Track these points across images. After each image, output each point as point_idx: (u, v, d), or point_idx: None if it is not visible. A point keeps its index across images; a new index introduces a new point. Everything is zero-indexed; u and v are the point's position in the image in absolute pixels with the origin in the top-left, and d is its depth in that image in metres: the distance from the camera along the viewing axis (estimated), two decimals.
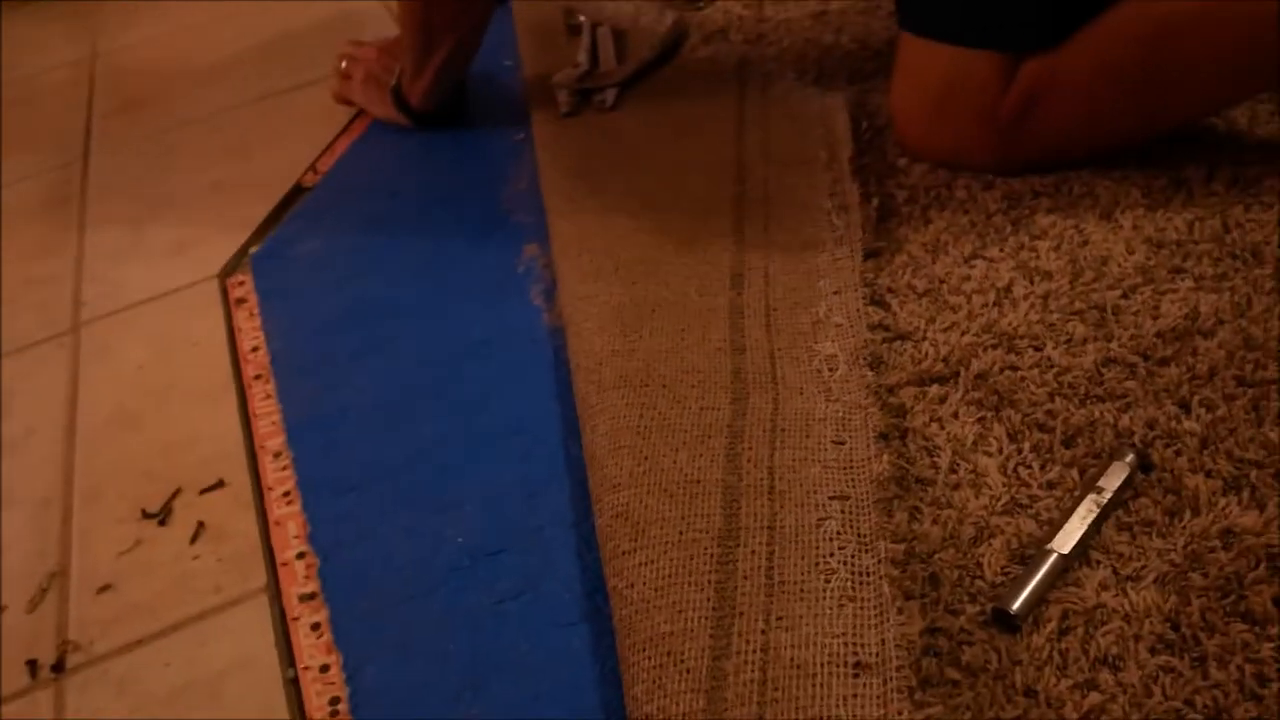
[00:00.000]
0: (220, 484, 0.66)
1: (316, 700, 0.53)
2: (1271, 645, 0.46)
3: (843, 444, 0.57)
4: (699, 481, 0.55)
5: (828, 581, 0.49)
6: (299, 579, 0.59)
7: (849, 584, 0.49)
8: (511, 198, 0.88)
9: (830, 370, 0.62)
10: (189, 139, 1.08)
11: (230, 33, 1.29)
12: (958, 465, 0.56)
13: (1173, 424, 0.56)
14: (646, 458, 0.57)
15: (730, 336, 0.66)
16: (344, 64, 1.02)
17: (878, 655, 0.46)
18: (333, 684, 0.53)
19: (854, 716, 0.44)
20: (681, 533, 0.53)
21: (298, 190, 0.96)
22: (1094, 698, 0.45)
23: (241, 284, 0.85)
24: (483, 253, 0.82)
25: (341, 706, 0.52)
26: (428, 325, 0.76)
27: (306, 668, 0.54)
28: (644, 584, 0.51)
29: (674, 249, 0.74)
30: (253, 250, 0.89)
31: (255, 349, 0.77)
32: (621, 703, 0.49)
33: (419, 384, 0.71)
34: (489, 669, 0.53)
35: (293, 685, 0.54)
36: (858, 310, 0.66)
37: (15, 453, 0.73)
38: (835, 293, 0.68)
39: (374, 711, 0.52)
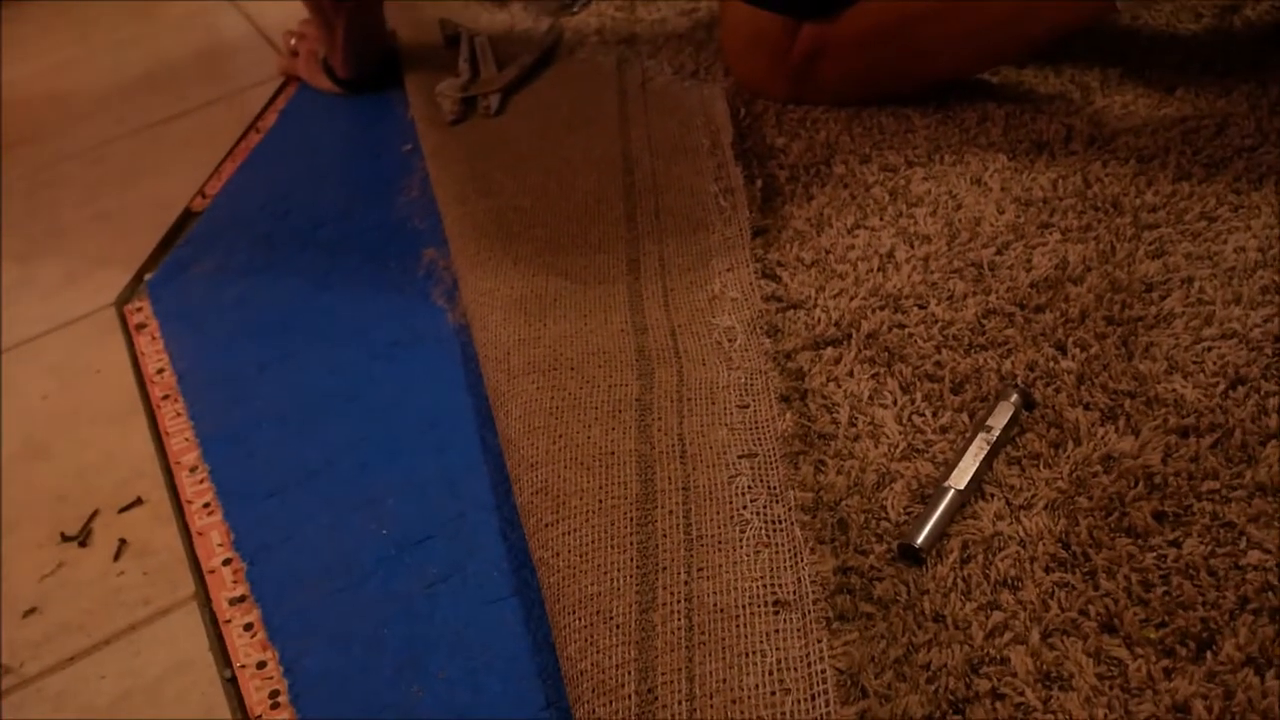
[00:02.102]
0: (138, 501, 0.66)
1: (256, 695, 0.54)
2: (1153, 555, 0.51)
3: (747, 407, 0.60)
4: (613, 453, 0.58)
5: (743, 532, 0.52)
6: (227, 584, 0.60)
7: (763, 532, 0.52)
8: (405, 206, 0.90)
9: (729, 341, 0.66)
10: (70, 173, 1.07)
11: (104, 65, 1.28)
12: (856, 419, 0.60)
13: (1051, 364, 0.61)
14: (561, 435, 0.60)
15: (631, 318, 0.69)
16: (292, 42, 1.13)
17: (794, 593, 0.49)
18: (271, 678, 0.54)
19: (777, 649, 0.48)
20: (601, 501, 0.55)
21: (188, 215, 0.96)
22: (997, 616, 0.49)
23: (139, 310, 0.85)
24: (381, 260, 0.84)
25: (282, 698, 0.53)
26: (334, 334, 0.77)
27: (243, 666, 0.55)
28: (569, 551, 0.53)
29: (570, 242, 0.77)
30: (148, 276, 0.88)
31: (160, 370, 0.77)
32: (557, 665, 0.51)
33: (331, 390, 0.72)
34: (425, 648, 0.55)
35: (231, 684, 0.54)
36: (751, 284, 0.70)
37: None
38: (728, 270, 0.72)
39: (315, 700, 0.53)
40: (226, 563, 0.61)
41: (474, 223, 0.81)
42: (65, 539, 0.64)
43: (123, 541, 0.63)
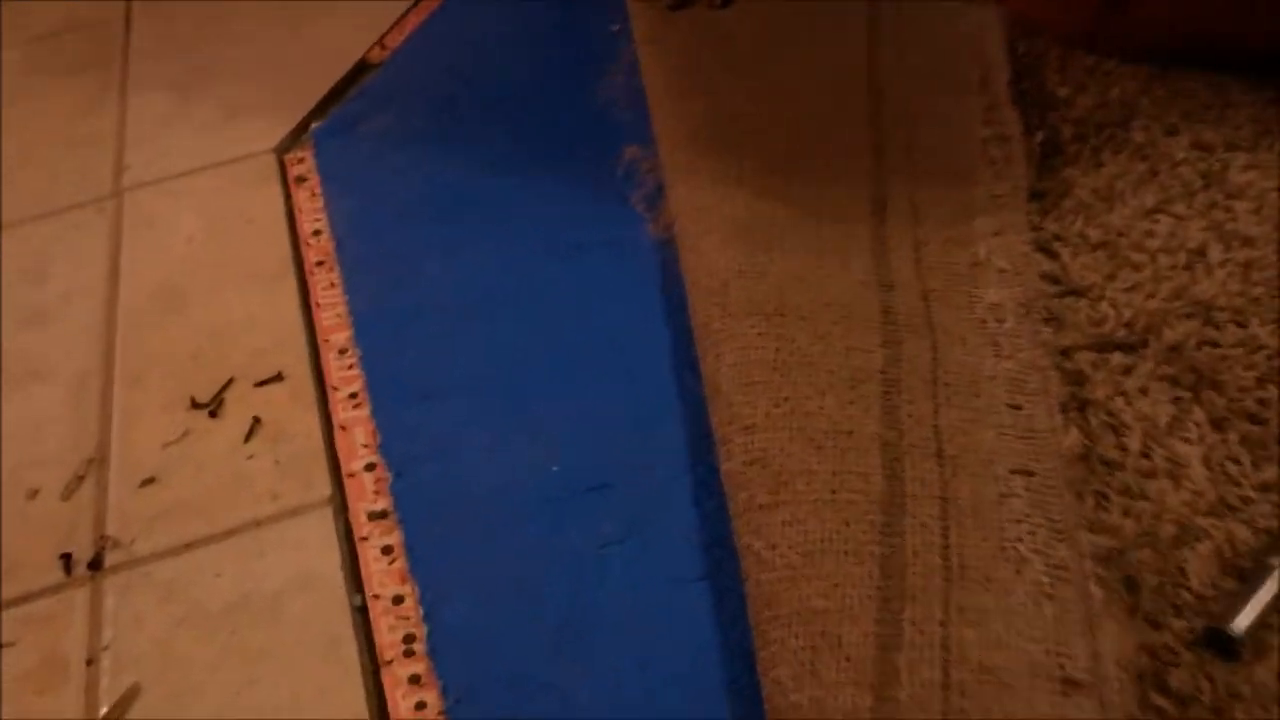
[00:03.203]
0: (278, 377, 0.58)
1: (389, 635, 0.45)
2: None
3: (1020, 409, 0.49)
4: (850, 433, 0.47)
5: (1019, 572, 0.41)
6: (368, 493, 0.52)
7: (1045, 578, 0.41)
8: (607, 91, 0.78)
9: (997, 321, 0.54)
10: (242, 5, 0.97)
11: None
12: (1151, 450, 0.48)
13: None
14: (786, 398, 0.49)
15: (875, 269, 0.58)
16: None
17: (1090, 672, 0.38)
18: (407, 618, 0.46)
19: None
20: (834, 492, 0.45)
21: (363, 66, 0.86)
22: None
23: (301, 161, 0.76)
24: (576, 149, 0.73)
25: (417, 646, 0.45)
26: (512, 223, 0.68)
27: (377, 596, 0.47)
28: (788, 546, 0.43)
29: (803, 165, 0.65)
30: (314, 126, 0.79)
31: (317, 232, 0.69)
32: (753, 682, 0.41)
33: (503, 287, 0.63)
34: (591, 621, 0.45)
35: (360, 614, 0.46)
36: (1024, 256, 0.58)
37: (50, 322, 0.64)
38: (995, 234, 0.59)
39: (455, 657, 0.45)
40: (369, 468, 0.53)
41: (689, 124, 0.69)
42: (195, 405, 0.57)
43: (256, 420, 0.55)
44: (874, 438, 0.47)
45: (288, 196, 0.73)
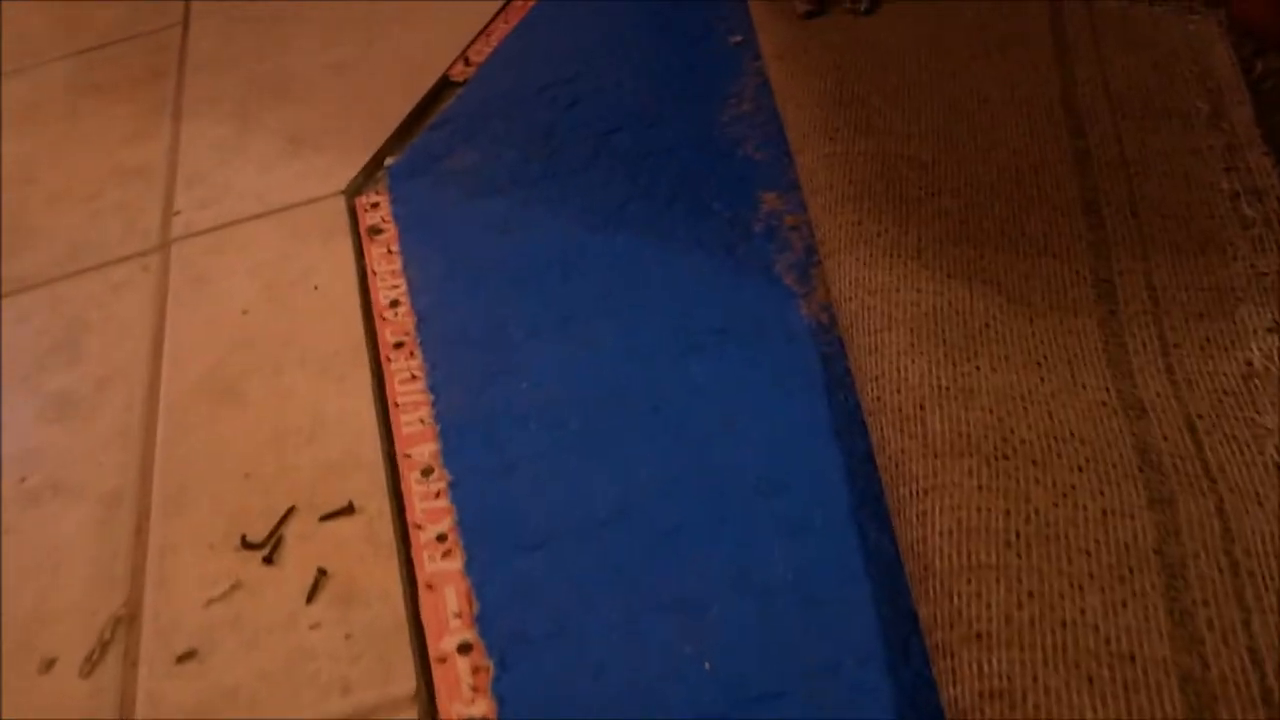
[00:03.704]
0: (349, 509, 0.47)
1: None
2: None
3: None
4: (1133, 658, 0.34)
5: None
6: (463, 689, 0.40)
7: None
8: (734, 122, 0.65)
9: None
10: (308, 9, 0.86)
11: None
12: None
13: None
14: (1031, 594, 0.36)
15: (1116, 384, 0.44)
16: None
17: None
18: None
19: None
20: None
21: (445, 84, 0.74)
22: None
23: (375, 207, 0.64)
24: (700, 196, 0.60)
25: None
26: (632, 295, 0.55)
27: None
28: None
29: (998, 228, 0.52)
30: (389, 162, 0.68)
31: (395, 304, 0.57)
32: None
33: (623, 389, 0.50)
34: None
35: None
36: None
37: (81, 415, 0.54)
38: (1270, 330, 0.46)
39: None
40: (464, 649, 0.41)
41: (848, 172, 0.56)
42: (246, 545, 0.46)
43: (322, 572, 0.44)
44: (1168, 667, 0.34)
45: (360, 254, 0.61)
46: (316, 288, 0.59)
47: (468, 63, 0.75)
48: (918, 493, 0.40)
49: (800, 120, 0.61)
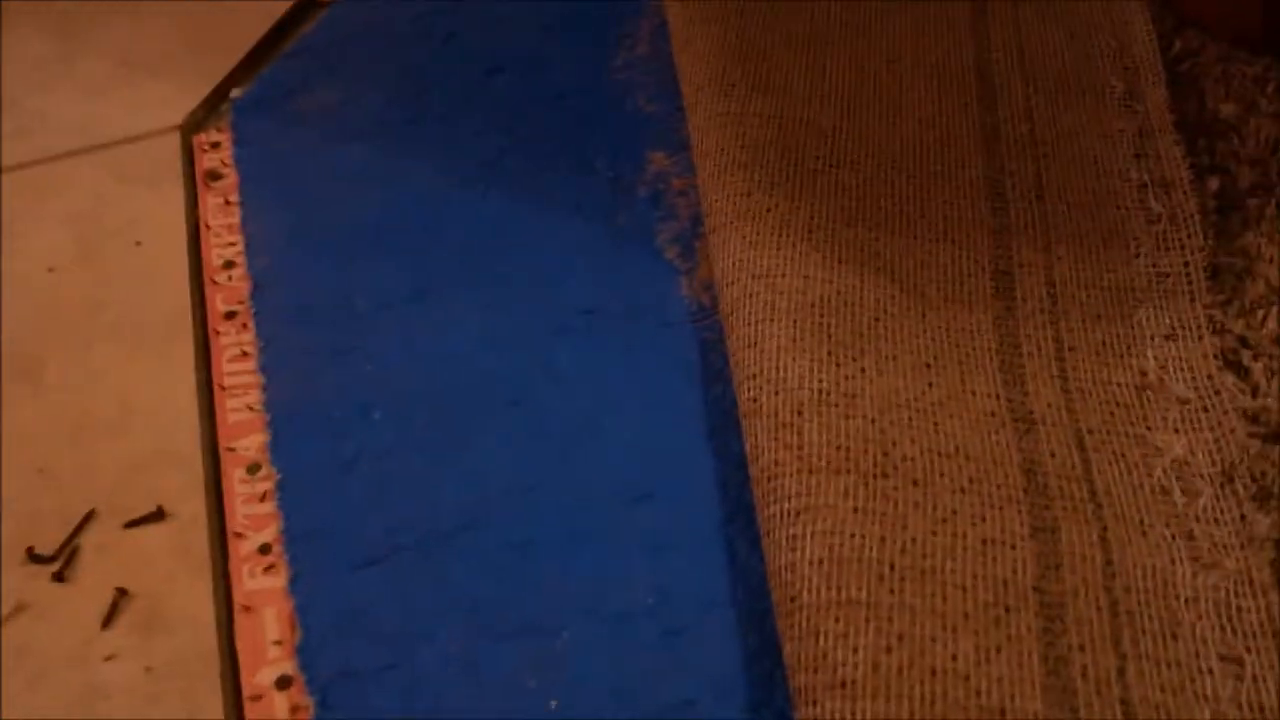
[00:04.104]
0: (158, 514, 0.41)
1: None
2: None
3: (1241, 670, 0.33)
4: (1003, 712, 0.31)
5: None
6: None
7: None
8: (626, 67, 0.60)
9: (1185, 493, 0.38)
10: None
11: None
12: None
13: None
14: (901, 637, 0.33)
15: (1006, 390, 0.41)
16: None
17: None
18: None
19: None
20: None
21: (308, 4, 0.66)
22: None
23: (216, 147, 0.57)
24: (584, 152, 0.55)
25: None
26: (501, 272, 0.50)
27: None
28: None
29: (898, 207, 0.48)
30: (235, 94, 0.60)
31: (229, 265, 0.51)
32: None
33: (486, 378, 0.45)
34: None
35: None
36: (1210, 378, 0.41)
37: None
38: (1168, 337, 0.43)
39: None
40: (283, 684, 0.36)
41: (741, 135, 0.51)
42: (34, 558, 0.40)
43: (121, 593, 0.39)
44: None
45: (193, 202, 0.54)
46: (139, 243, 0.52)
47: None
48: (790, 513, 0.37)
49: (695, 72, 0.56)
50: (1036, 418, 0.40)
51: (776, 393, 0.40)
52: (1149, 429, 0.40)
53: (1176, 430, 0.40)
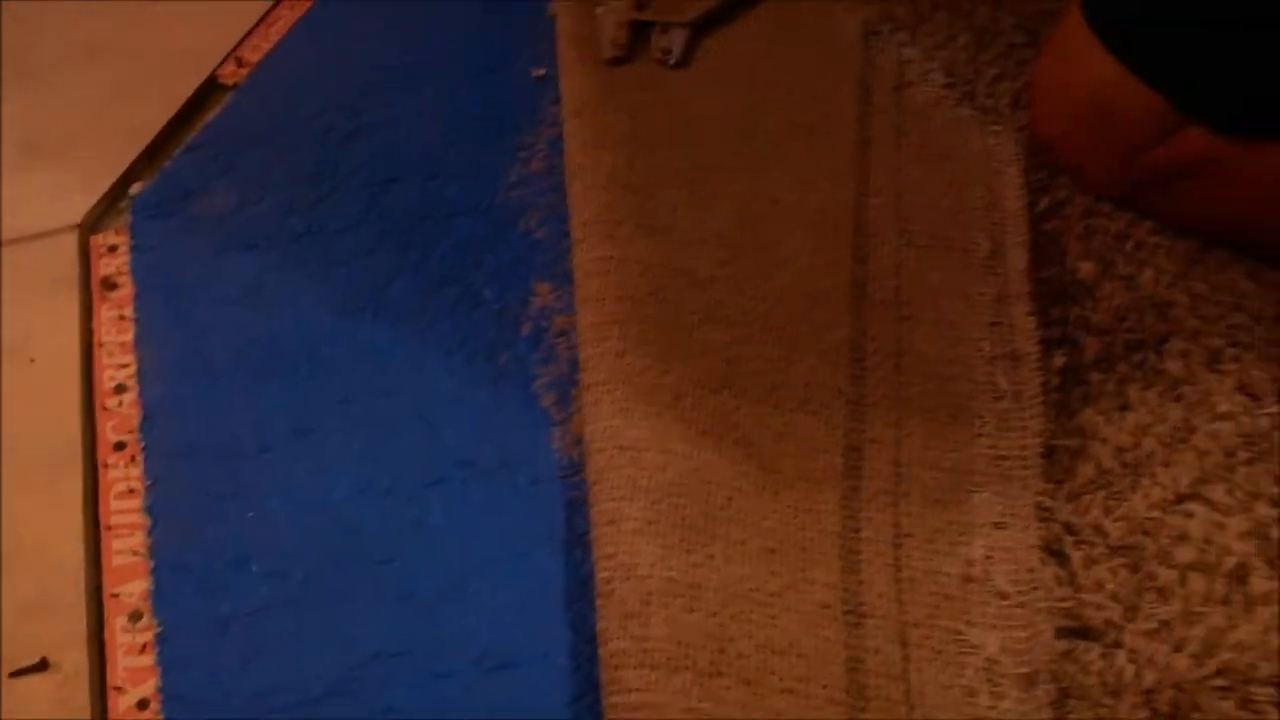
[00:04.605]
0: (43, 664, 0.43)
1: None
2: None
3: None
4: None
5: None
6: None
7: None
8: (520, 184, 0.61)
9: (992, 694, 0.42)
10: None
11: None
12: None
13: None
14: None
15: (843, 584, 0.44)
16: None
17: None
18: None
19: None
20: None
21: (212, 87, 0.67)
22: None
23: (114, 250, 0.58)
24: (474, 282, 0.57)
25: None
26: (380, 407, 0.52)
27: None
28: None
29: (763, 368, 0.51)
30: (135, 189, 0.61)
31: (121, 390, 0.52)
32: None
33: (357, 529, 0.47)
34: None
35: None
36: (1031, 573, 0.45)
37: None
38: (997, 525, 0.47)
39: None
40: None
41: (622, 283, 0.53)
42: None
43: None
44: None
45: (87, 313, 0.55)
46: (33, 360, 0.53)
47: (240, 63, 0.68)
48: (629, 706, 0.40)
49: (584, 205, 0.57)
50: (866, 610, 0.44)
51: (627, 579, 0.43)
52: (968, 624, 0.44)
53: (993, 626, 0.43)
